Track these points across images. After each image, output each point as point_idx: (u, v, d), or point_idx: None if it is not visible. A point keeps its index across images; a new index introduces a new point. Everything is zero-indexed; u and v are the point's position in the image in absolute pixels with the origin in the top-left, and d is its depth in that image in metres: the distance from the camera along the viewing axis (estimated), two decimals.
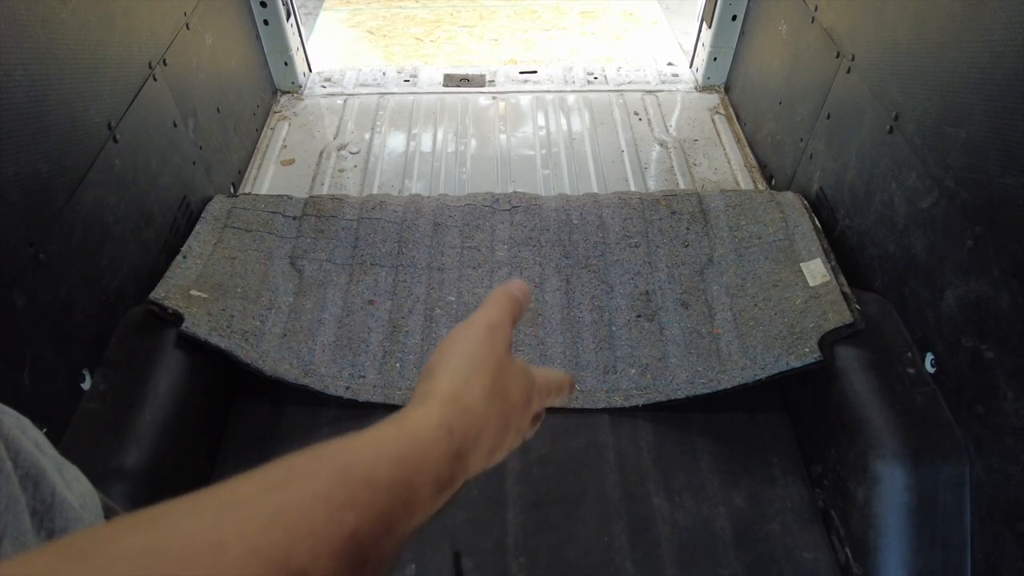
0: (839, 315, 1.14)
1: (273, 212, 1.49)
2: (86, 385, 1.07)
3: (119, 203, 1.20)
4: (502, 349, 0.41)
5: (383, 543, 0.28)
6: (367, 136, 2.01)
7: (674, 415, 1.20)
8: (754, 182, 1.82)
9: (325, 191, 1.80)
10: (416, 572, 1.03)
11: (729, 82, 2.15)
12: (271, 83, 2.13)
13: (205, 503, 0.25)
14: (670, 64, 2.31)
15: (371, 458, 0.29)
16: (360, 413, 1.20)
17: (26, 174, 0.96)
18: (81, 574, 0.22)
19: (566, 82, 2.22)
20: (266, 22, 1.98)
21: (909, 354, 1.09)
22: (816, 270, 1.26)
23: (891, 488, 0.97)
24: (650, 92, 2.18)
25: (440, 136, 2.01)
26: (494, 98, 2.16)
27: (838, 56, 1.40)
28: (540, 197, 1.56)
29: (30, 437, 0.44)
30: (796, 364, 1.11)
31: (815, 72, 1.51)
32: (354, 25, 2.67)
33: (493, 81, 2.22)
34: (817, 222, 1.37)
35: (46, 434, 0.46)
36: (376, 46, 2.55)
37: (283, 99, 2.16)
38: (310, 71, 2.25)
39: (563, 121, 2.06)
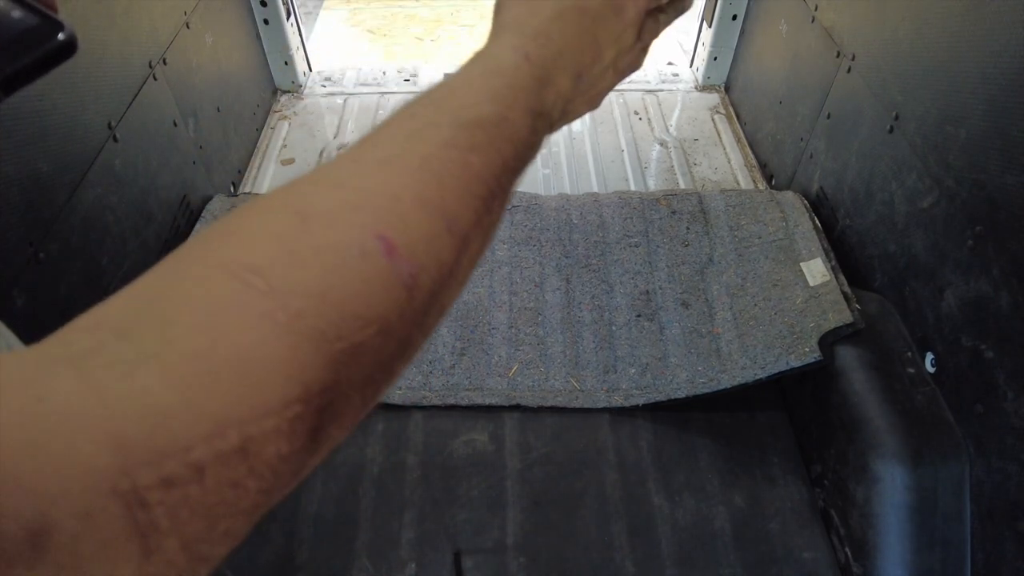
0: (839, 315, 1.14)
1: None
2: None
3: (119, 203, 1.20)
4: None
5: (501, 179, 0.30)
6: None
7: (674, 415, 1.20)
8: (754, 182, 1.82)
9: None
10: (416, 572, 1.03)
11: (729, 81, 2.15)
12: (271, 82, 2.13)
13: (364, 161, 0.28)
14: (670, 63, 2.31)
15: (472, 100, 0.31)
16: None
17: (26, 174, 0.96)
18: (288, 240, 0.24)
19: None
20: (266, 21, 1.98)
21: (909, 354, 1.09)
22: (816, 270, 1.26)
23: (891, 488, 0.97)
24: (650, 91, 2.18)
25: None
26: None
27: (838, 56, 1.40)
28: (540, 196, 1.56)
29: None
30: (796, 364, 1.11)
31: (815, 72, 1.51)
32: (354, 24, 2.67)
33: None
34: (817, 222, 1.37)
35: None
36: (376, 45, 2.55)
37: (283, 98, 2.16)
38: (310, 70, 2.25)
39: None
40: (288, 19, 2.03)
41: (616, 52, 0.39)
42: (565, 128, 2.02)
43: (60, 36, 0.34)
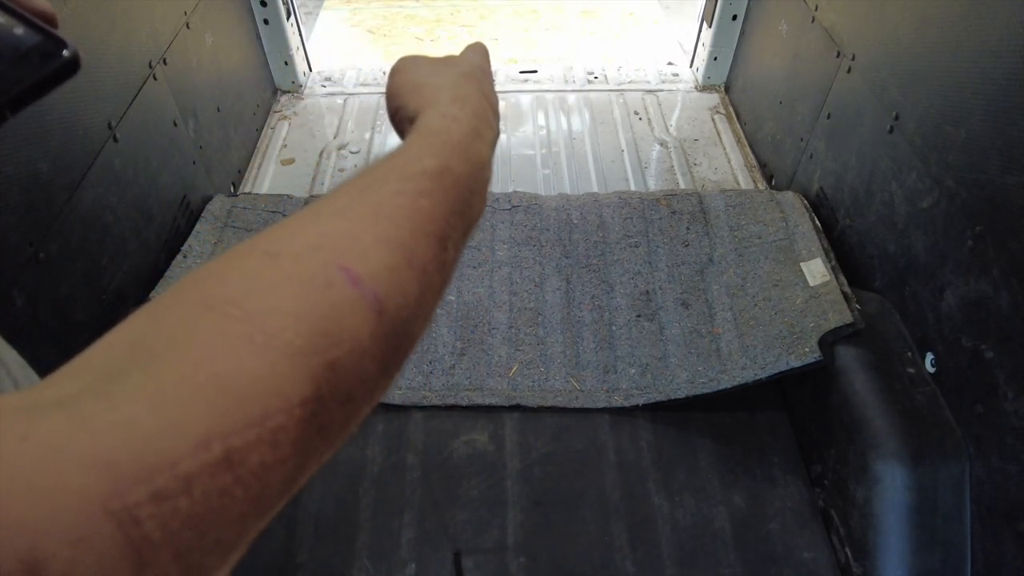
0: (839, 315, 1.14)
1: (273, 211, 1.49)
2: None
3: (119, 203, 1.20)
4: (426, 60, 0.47)
5: (452, 221, 0.34)
6: (367, 135, 2.01)
7: (674, 415, 1.20)
8: (754, 182, 1.82)
9: (325, 191, 1.80)
10: (416, 572, 1.03)
11: (729, 82, 2.15)
12: (271, 82, 2.13)
13: (321, 212, 0.30)
14: (670, 64, 2.31)
15: (415, 158, 0.35)
16: None
17: (26, 174, 0.96)
18: (259, 274, 0.26)
19: (566, 81, 2.22)
20: (266, 21, 1.98)
21: (909, 354, 1.09)
22: (816, 270, 1.26)
23: (891, 488, 0.97)
24: (650, 92, 2.18)
25: None
26: None
27: (838, 56, 1.40)
28: (540, 196, 1.56)
29: None
30: (796, 364, 1.11)
31: (815, 72, 1.51)
32: (354, 24, 2.67)
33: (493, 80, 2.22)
34: (817, 222, 1.37)
35: None
36: (376, 45, 2.55)
37: (283, 98, 2.16)
38: (310, 70, 2.25)
39: (563, 120, 2.06)
40: (288, 19, 2.03)
41: (496, 99, 0.47)
42: (565, 128, 2.02)
43: (64, 53, 0.35)
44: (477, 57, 0.49)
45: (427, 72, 0.44)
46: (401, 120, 0.43)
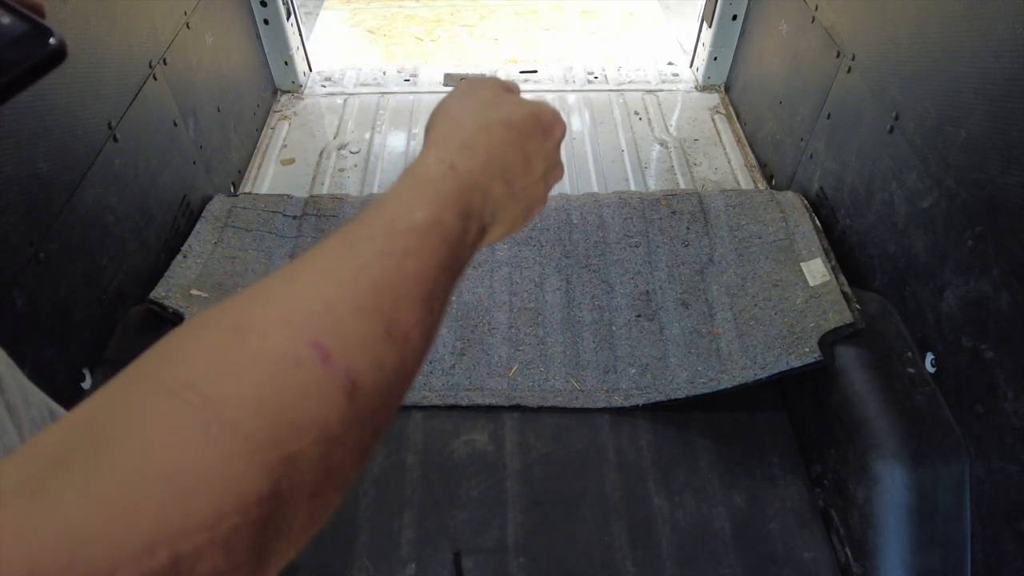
0: (839, 315, 1.14)
1: (273, 211, 1.49)
2: (86, 384, 1.07)
3: (119, 202, 1.20)
4: (489, 92, 0.42)
5: (440, 279, 0.32)
6: (367, 135, 2.01)
7: (674, 415, 1.20)
8: (754, 182, 1.82)
9: (325, 190, 1.80)
10: (416, 572, 1.03)
11: (729, 82, 2.15)
12: (271, 82, 2.13)
13: (299, 276, 0.29)
14: (670, 64, 2.31)
15: (404, 210, 0.33)
16: None
17: (26, 174, 0.96)
18: (224, 354, 0.24)
19: (566, 81, 2.22)
20: (266, 21, 1.98)
21: (909, 354, 1.09)
22: (816, 270, 1.26)
23: (891, 488, 0.97)
24: (650, 92, 2.18)
25: None
26: None
27: (838, 56, 1.40)
28: None
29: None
30: (796, 364, 1.11)
31: (815, 72, 1.51)
32: (354, 24, 2.67)
33: None
34: (817, 222, 1.37)
35: None
36: (376, 45, 2.55)
37: (283, 98, 2.16)
38: (310, 70, 2.25)
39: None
40: (288, 19, 2.03)
41: (545, 167, 0.42)
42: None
43: (51, 42, 0.35)
44: (544, 114, 0.42)
45: (465, 103, 0.40)
46: (423, 146, 0.40)
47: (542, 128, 0.41)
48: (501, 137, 0.39)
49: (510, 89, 0.44)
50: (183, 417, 0.22)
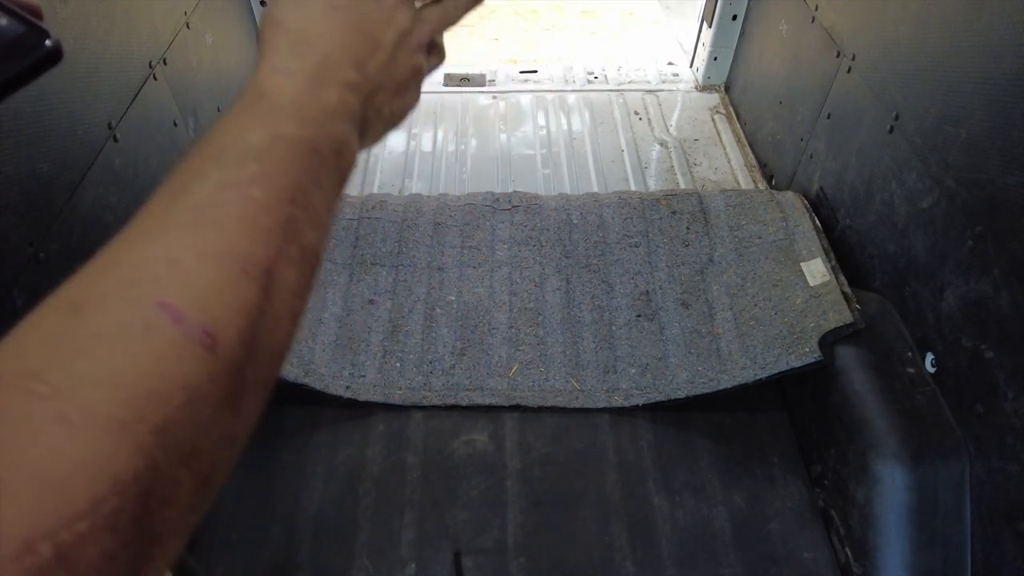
0: (839, 315, 1.14)
1: None
2: None
3: (119, 202, 1.20)
4: None
5: (299, 199, 0.29)
6: None
7: (674, 415, 1.20)
8: (754, 182, 1.82)
9: None
10: (416, 572, 1.03)
11: (729, 82, 2.15)
12: None
13: (136, 232, 0.27)
14: (670, 64, 2.31)
15: (237, 135, 0.30)
16: (360, 412, 1.20)
17: (26, 174, 0.96)
18: (62, 336, 0.23)
19: (566, 81, 2.22)
20: None
21: (909, 354, 1.09)
22: (816, 270, 1.26)
23: (891, 488, 0.97)
24: (650, 92, 2.18)
25: (440, 135, 2.01)
26: (494, 97, 2.16)
27: (838, 56, 1.40)
28: (540, 197, 1.56)
29: None
30: (796, 364, 1.11)
31: (815, 72, 1.51)
32: None
33: (493, 80, 2.22)
34: (817, 222, 1.37)
35: None
36: None
37: None
38: None
39: (563, 121, 2.06)
40: None
41: (396, 35, 0.37)
42: (565, 128, 2.02)
43: (47, 44, 0.35)
44: None
45: (286, 5, 0.35)
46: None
47: (393, 13, 0.37)
48: (330, 21, 0.35)
49: None
50: (37, 411, 0.21)
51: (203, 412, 0.23)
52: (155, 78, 1.35)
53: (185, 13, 1.51)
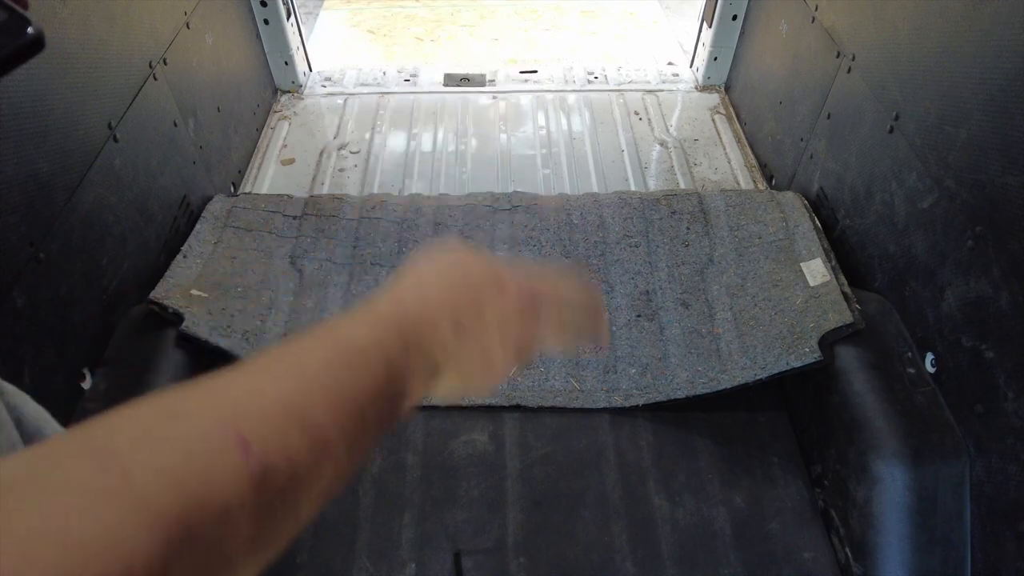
0: (839, 315, 1.14)
1: (273, 211, 1.49)
2: (86, 384, 1.07)
3: (119, 203, 1.20)
4: (461, 257, 0.44)
5: (376, 400, 0.34)
6: (367, 136, 2.01)
7: (674, 415, 1.20)
8: (754, 182, 1.82)
9: (325, 190, 1.80)
10: (416, 572, 1.03)
11: (729, 82, 2.15)
12: (271, 82, 2.13)
13: (241, 372, 0.31)
14: (670, 64, 2.31)
15: (350, 331, 0.36)
16: None
17: (26, 174, 0.96)
18: (152, 429, 0.26)
19: (566, 82, 2.22)
20: (266, 21, 1.98)
21: (909, 354, 1.09)
22: (816, 270, 1.26)
23: (891, 488, 0.97)
24: (650, 92, 2.18)
25: (440, 136, 2.01)
26: (494, 98, 2.16)
27: (838, 56, 1.40)
28: (540, 197, 1.56)
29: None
30: (796, 364, 1.11)
31: (815, 72, 1.51)
32: (354, 25, 2.67)
33: (493, 81, 2.22)
34: (817, 222, 1.37)
35: None
36: (376, 46, 2.55)
37: (283, 98, 2.16)
38: (310, 70, 2.25)
39: (563, 121, 2.06)
40: (288, 19, 2.03)
41: (499, 317, 0.43)
42: (565, 128, 2.02)
43: (29, 31, 0.35)
44: (503, 273, 0.44)
45: (432, 264, 0.43)
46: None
47: (498, 283, 0.44)
48: (453, 283, 0.42)
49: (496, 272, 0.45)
50: (95, 481, 0.23)
51: (228, 535, 0.26)
52: (155, 78, 1.35)
53: (185, 13, 1.51)
